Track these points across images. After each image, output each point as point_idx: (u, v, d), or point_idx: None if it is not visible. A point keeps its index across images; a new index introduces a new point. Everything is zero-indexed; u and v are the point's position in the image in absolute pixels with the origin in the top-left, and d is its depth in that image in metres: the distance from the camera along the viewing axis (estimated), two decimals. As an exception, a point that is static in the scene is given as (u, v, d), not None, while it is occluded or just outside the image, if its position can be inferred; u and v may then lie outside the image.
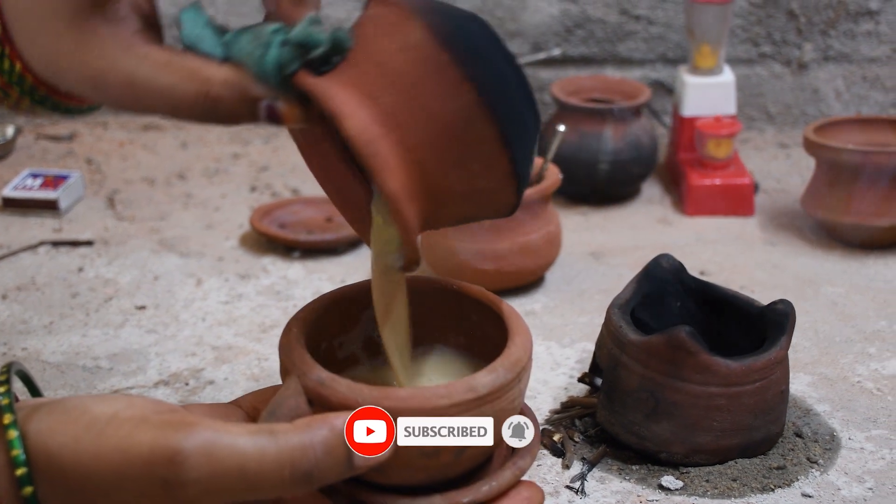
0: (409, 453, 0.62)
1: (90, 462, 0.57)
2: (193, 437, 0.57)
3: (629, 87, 1.49)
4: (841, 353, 1.06)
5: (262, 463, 0.57)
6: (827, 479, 0.86)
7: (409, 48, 0.61)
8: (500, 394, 0.64)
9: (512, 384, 0.64)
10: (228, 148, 1.66)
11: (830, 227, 1.31)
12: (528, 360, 0.67)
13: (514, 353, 0.66)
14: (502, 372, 0.64)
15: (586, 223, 1.40)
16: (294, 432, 0.59)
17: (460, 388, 0.62)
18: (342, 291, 0.74)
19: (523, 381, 0.66)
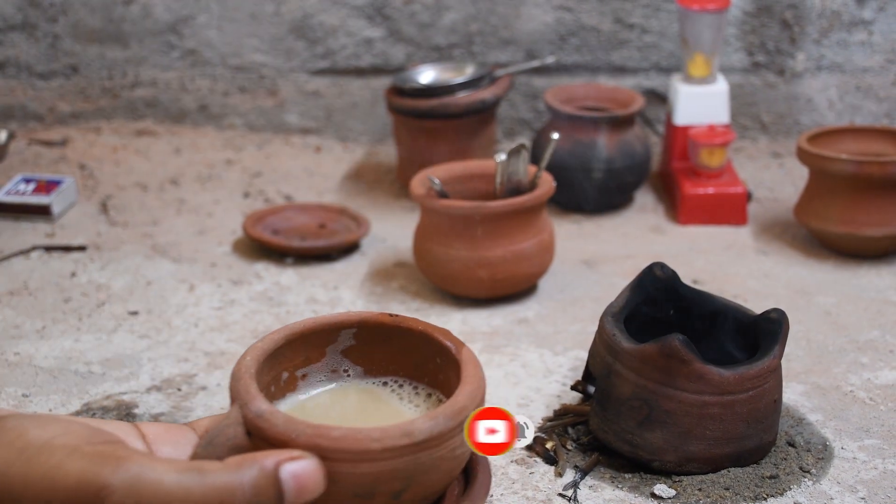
0: (344, 495, 0.61)
1: (19, 488, 0.57)
2: (121, 472, 0.57)
3: (623, 96, 1.49)
4: (834, 362, 1.06)
5: (188, 496, 0.57)
6: (819, 489, 0.86)
7: None
8: (439, 441, 0.62)
9: (453, 433, 0.63)
10: (221, 154, 1.66)
11: (823, 237, 1.31)
12: (476, 406, 0.65)
13: (460, 401, 0.64)
14: (442, 420, 0.62)
15: (579, 231, 1.40)
16: (223, 471, 0.58)
17: (395, 432, 0.61)
18: (307, 324, 0.73)
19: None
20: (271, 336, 0.71)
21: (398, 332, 0.73)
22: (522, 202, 1.16)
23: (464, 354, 0.69)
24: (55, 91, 1.74)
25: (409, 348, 0.73)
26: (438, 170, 1.23)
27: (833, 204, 1.28)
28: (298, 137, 1.71)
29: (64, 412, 0.99)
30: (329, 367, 0.74)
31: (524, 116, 1.69)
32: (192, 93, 1.72)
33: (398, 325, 0.73)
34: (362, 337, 0.74)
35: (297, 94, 1.71)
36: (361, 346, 0.74)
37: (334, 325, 0.73)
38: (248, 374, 0.66)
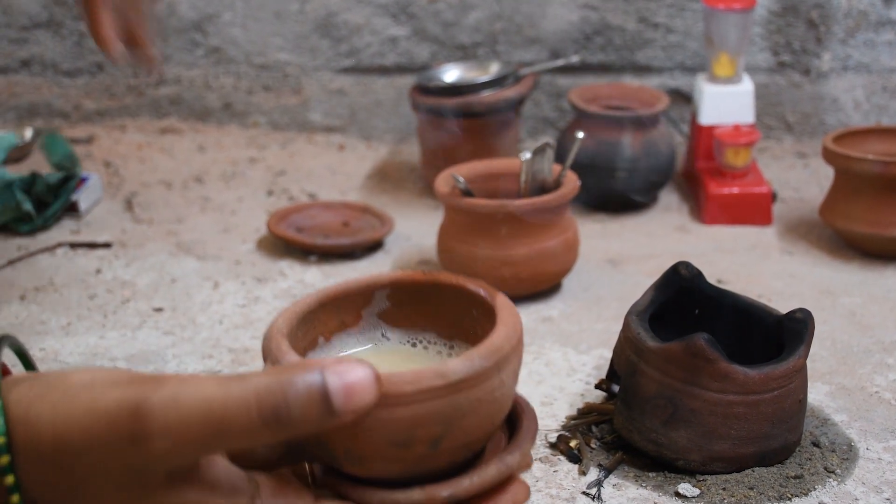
0: (380, 443, 0.60)
1: (63, 426, 0.56)
2: (160, 389, 0.55)
3: (647, 95, 1.49)
4: (859, 363, 1.06)
5: (227, 402, 0.54)
6: (844, 489, 0.86)
7: None
8: (475, 382, 0.61)
9: (490, 373, 0.61)
10: (245, 152, 1.66)
11: (849, 237, 1.30)
12: (512, 350, 0.63)
13: (494, 341, 0.62)
14: (477, 360, 0.61)
15: (604, 230, 1.40)
16: (265, 376, 0.56)
17: (429, 374, 0.59)
18: (339, 287, 0.72)
19: (505, 372, 0.63)
20: (304, 300, 0.70)
21: (432, 288, 0.72)
22: (547, 201, 1.15)
23: (498, 301, 0.67)
24: (81, 89, 1.75)
25: (444, 304, 0.72)
26: (462, 168, 1.23)
27: (858, 204, 1.27)
28: (322, 136, 1.72)
29: (89, 408, 0.99)
30: (367, 331, 0.73)
31: (548, 115, 1.69)
32: (216, 91, 1.73)
33: (432, 281, 0.72)
34: (397, 298, 0.72)
35: (321, 92, 1.72)
36: (397, 307, 0.73)
37: (367, 287, 0.72)
38: (279, 334, 0.65)
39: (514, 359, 0.63)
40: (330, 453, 0.61)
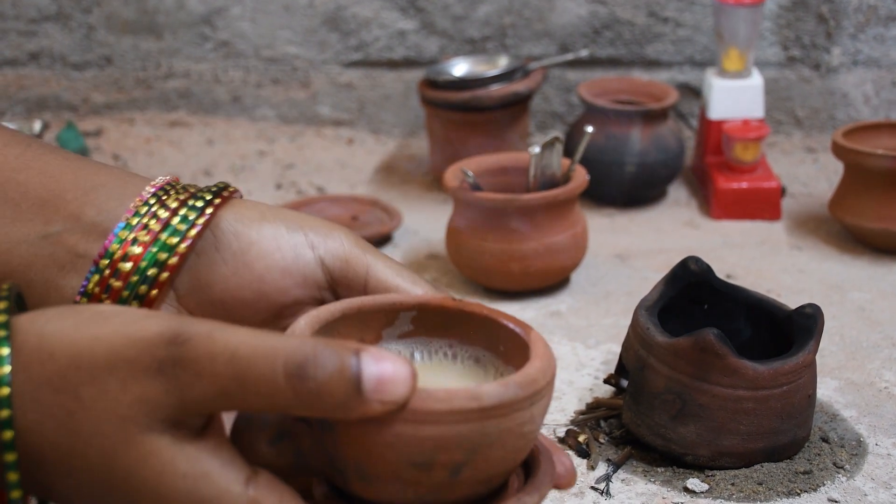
0: (398, 461, 0.56)
1: (86, 343, 0.54)
2: (199, 324, 0.54)
3: (656, 90, 1.48)
4: (868, 358, 1.05)
5: (256, 348, 0.53)
6: (853, 485, 0.85)
7: None
8: (508, 411, 0.57)
9: (523, 404, 0.58)
10: (254, 145, 1.66)
11: (858, 232, 1.30)
12: (546, 385, 0.59)
13: (531, 372, 0.59)
14: (513, 387, 0.57)
15: (612, 225, 1.39)
16: (303, 339, 0.55)
17: (463, 394, 0.56)
18: (365, 301, 0.67)
19: (537, 407, 0.59)
20: (328, 307, 0.65)
21: (460, 317, 0.67)
22: (556, 195, 1.15)
23: (532, 336, 0.63)
24: (89, 82, 1.75)
25: (471, 335, 0.67)
26: (471, 162, 1.23)
27: (868, 199, 1.27)
28: (331, 129, 1.72)
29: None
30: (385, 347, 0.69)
31: (557, 110, 1.68)
32: (224, 84, 1.73)
33: (461, 310, 0.67)
34: (421, 322, 0.68)
35: (329, 86, 1.71)
36: (419, 332, 0.68)
37: (392, 306, 0.67)
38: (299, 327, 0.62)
39: (546, 395, 0.60)
40: (339, 467, 0.58)
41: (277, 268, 0.64)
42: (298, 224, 0.66)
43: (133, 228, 0.64)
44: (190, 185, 0.68)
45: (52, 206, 0.65)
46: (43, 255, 0.64)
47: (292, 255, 0.65)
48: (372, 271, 0.66)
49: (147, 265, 0.63)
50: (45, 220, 0.64)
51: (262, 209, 0.66)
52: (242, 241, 0.64)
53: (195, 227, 0.64)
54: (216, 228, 0.65)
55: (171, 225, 0.64)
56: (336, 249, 0.65)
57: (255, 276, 0.64)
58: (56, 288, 0.64)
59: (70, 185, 0.65)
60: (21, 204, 0.65)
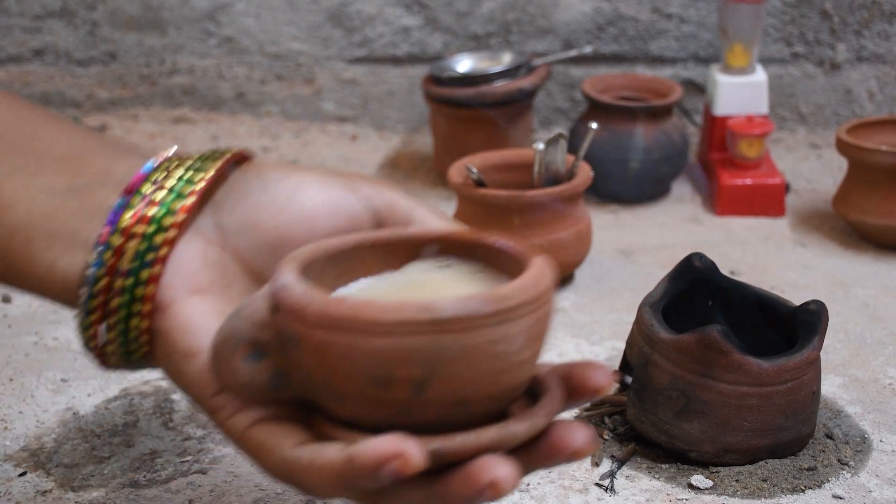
0: (357, 377, 0.54)
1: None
2: None
3: (660, 86, 1.48)
4: (872, 354, 1.05)
5: None
6: (858, 481, 0.85)
7: None
8: (468, 326, 0.53)
9: (487, 320, 0.53)
10: (258, 141, 1.66)
11: (862, 229, 1.30)
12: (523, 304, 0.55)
13: (505, 290, 0.55)
14: (475, 302, 0.53)
15: (616, 221, 1.39)
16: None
17: (413, 305, 0.53)
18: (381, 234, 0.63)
19: (511, 326, 0.55)
20: (339, 238, 0.62)
21: (478, 248, 0.62)
22: (560, 191, 1.15)
23: (534, 260, 0.58)
24: (93, 78, 1.75)
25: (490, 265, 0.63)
26: (475, 158, 1.23)
27: (872, 195, 1.27)
28: (335, 125, 1.72)
29: (102, 397, 0.99)
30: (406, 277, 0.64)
31: (561, 106, 1.68)
32: (229, 80, 1.73)
33: (478, 241, 0.62)
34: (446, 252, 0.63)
35: (333, 82, 1.71)
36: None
37: (416, 240, 0.63)
38: (291, 258, 0.59)
39: (526, 315, 0.55)
40: (311, 387, 0.57)
41: (326, 207, 0.64)
42: (341, 173, 0.66)
43: (162, 171, 0.63)
44: None
45: (79, 162, 0.63)
46: (69, 206, 0.62)
47: (339, 195, 0.64)
48: (415, 214, 0.65)
49: (173, 198, 0.62)
50: (71, 174, 0.63)
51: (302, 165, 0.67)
52: (290, 182, 0.64)
53: (223, 159, 0.64)
54: (263, 170, 0.65)
55: (195, 165, 0.63)
56: (381, 193, 0.65)
57: (305, 215, 0.64)
58: (83, 241, 0.62)
59: (97, 148, 0.65)
60: (45, 158, 0.63)
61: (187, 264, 0.62)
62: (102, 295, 0.62)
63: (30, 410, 0.97)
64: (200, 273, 0.63)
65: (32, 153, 0.63)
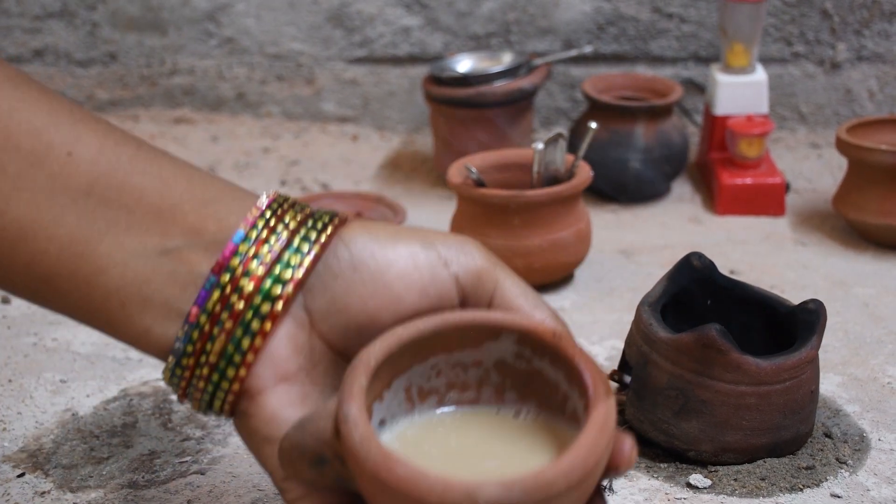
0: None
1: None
2: None
3: (661, 85, 1.48)
4: (871, 354, 1.05)
5: None
6: (856, 480, 0.85)
7: None
8: None
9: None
10: (259, 142, 1.66)
11: (862, 228, 1.30)
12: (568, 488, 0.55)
13: (548, 475, 0.54)
14: (518, 492, 0.53)
15: (616, 221, 1.39)
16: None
17: (458, 491, 0.54)
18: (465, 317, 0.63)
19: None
20: (416, 323, 0.62)
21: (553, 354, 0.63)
22: (560, 191, 1.15)
23: (596, 412, 0.58)
24: (94, 79, 1.75)
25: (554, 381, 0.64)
26: (475, 158, 1.23)
27: (872, 195, 1.27)
28: (335, 126, 1.72)
29: (101, 398, 0.99)
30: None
31: (561, 106, 1.68)
32: (229, 81, 1.73)
33: (557, 348, 0.62)
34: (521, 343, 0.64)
35: (334, 82, 1.72)
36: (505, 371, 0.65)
37: (495, 327, 0.63)
38: (363, 365, 0.59)
39: (571, 494, 0.55)
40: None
41: (416, 287, 0.63)
42: (431, 240, 0.64)
43: (253, 242, 0.62)
44: (301, 203, 0.67)
45: (170, 217, 0.62)
46: (162, 271, 0.62)
47: (429, 274, 0.63)
48: (499, 288, 0.64)
49: (271, 283, 0.62)
50: (162, 233, 0.62)
51: (392, 228, 0.65)
52: (380, 260, 0.63)
53: (318, 244, 0.63)
54: (352, 248, 0.63)
55: (292, 245, 0.63)
56: (469, 264, 0.64)
57: (393, 297, 0.63)
58: (177, 311, 0.62)
59: (186, 196, 0.63)
60: (136, 212, 0.62)
61: (278, 351, 0.63)
62: (189, 371, 0.63)
63: (28, 411, 0.97)
64: (289, 360, 0.63)
65: (123, 207, 0.62)
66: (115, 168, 0.63)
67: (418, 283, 0.63)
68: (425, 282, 0.63)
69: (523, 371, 0.64)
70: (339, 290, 0.63)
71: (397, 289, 0.63)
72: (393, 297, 0.63)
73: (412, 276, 0.63)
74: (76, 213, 0.62)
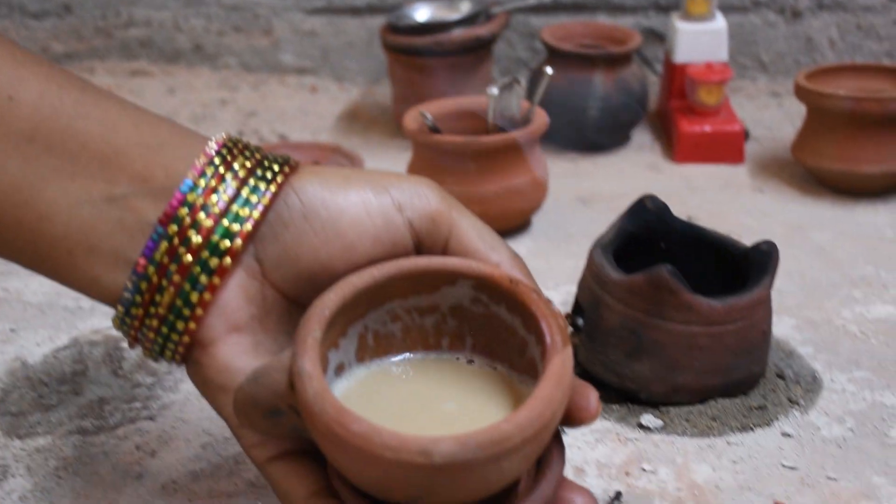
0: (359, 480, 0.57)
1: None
2: None
3: (620, 34, 1.47)
4: (827, 296, 1.05)
5: None
6: (807, 420, 0.85)
7: None
8: (462, 469, 0.54)
9: (485, 463, 0.54)
10: (216, 94, 1.65)
11: (820, 175, 1.30)
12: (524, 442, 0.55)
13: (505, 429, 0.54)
14: (472, 447, 0.53)
15: (575, 169, 1.39)
16: None
17: (412, 446, 0.53)
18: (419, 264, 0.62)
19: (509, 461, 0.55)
20: (370, 271, 0.61)
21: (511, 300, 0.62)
22: (515, 137, 1.14)
23: (552, 363, 0.58)
24: (48, 31, 1.73)
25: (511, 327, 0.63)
26: (431, 106, 1.22)
27: (830, 141, 1.27)
28: (294, 77, 1.70)
29: (51, 346, 0.98)
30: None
31: (521, 56, 1.67)
32: (186, 32, 1.71)
33: (514, 294, 0.62)
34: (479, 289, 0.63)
35: (292, 33, 1.70)
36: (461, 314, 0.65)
37: (451, 273, 0.63)
38: (317, 316, 0.59)
39: (527, 446, 0.55)
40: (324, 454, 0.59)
41: (369, 235, 0.62)
42: (384, 184, 0.63)
43: (201, 191, 0.61)
44: (251, 146, 0.66)
45: (116, 163, 0.62)
46: (109, 219, 0.61)
47: (382, 220, 0.63)
48: (455, 231, 0.64)
49: (220, 237, 0.61)
50: (108, 179, 0.61)
51: (344, 173, 0.64)
52: (332, 208, 0.62)
53: (268, 194, 0.62)
54: (303, 196, 0.63)
55: (241, 195, 0.62)
56: (423, 208, 0.63)
57: (346, 245, 0.62)
58: (126, 260, 0.62)
59: (132, 141, 0.62)
60: (81, 157, 0.61)
61: (229, 302, 0.62)
62: (139, 321, 0.63)
63: (-23, 360, 0.96)
64: (241, 310, 0.63)
65: (67, 152, 0.61)
66: (58, 112, 0.62)
67: (371, 231, 0.62)
68: (378, 228, 0.62)
69: (481, 315, 0.64)
70: (291, 240, 0.62)
71: (350, 237, 0.62)
72: (346, 246, 0.62)
73: (365, 224, 0.62)
74: (19, 159, 0.61)
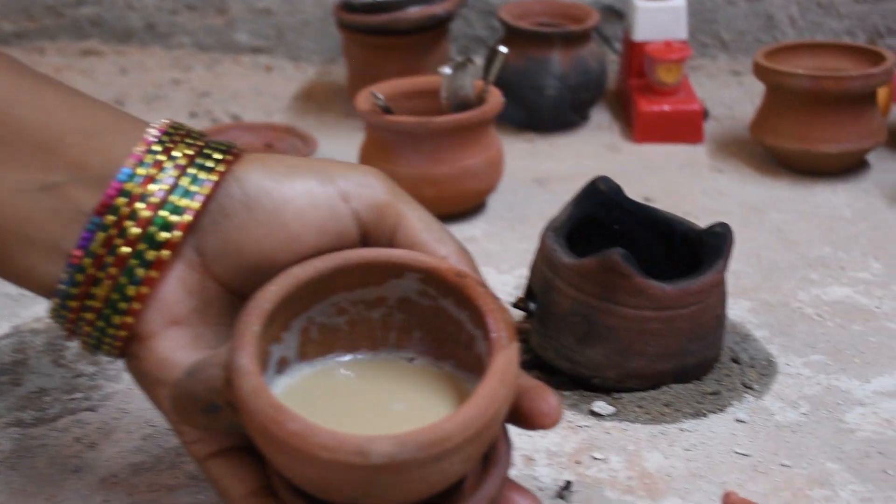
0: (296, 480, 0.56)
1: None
2: None
3: (578, 11, 1.45)
4: (783, 278, 1.04)
5: None
6: (762, 405, 0.84)
7: None
8: (400, 470, 0.53)
9: (424, 463, 0.53)
10: (169, 73, 1.62)
11: (779, 154, 1.28)
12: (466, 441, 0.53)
13: (445, 428, 0.53)
14: (411, 448, 0.52)
15: (532, 150, 1.37)
16: None
17: (349, 446, 0.52)
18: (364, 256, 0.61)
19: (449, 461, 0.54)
20: (314, 263, 0.60)
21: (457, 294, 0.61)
22: (469, 117, 1.12)
23: (496, 361, 0.57)
24: (-3, 10, 1.69)
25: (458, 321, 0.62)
26: (384, 86, 1.20)
27: (789, 120, 1.25)
28: (249, 56, 1.67)
29: (-7, 334, 0.96)
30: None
31: (479, 34, 1.65)
32: (138, 11, 1.68)
33: (461, 288, 0.61)
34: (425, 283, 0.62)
35: (246, 12, 1.67)
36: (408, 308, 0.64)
37: (398, 266, 0.61)
38: (257, 310, 0.57)
39: (468, 446, 0.54)
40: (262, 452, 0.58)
41: (314, 226, 0.61)
42: (330, 174, 0.62)
43: (140, 180, 0.60)
44: (194, 133, 0.64)
45: (51, 150, 0.60)
46: (44, 208, 0.60)
47: (328, 211, 0.61)
48: (402, 222, 0.62)
49: (158, 228, 0.60)
50: (43, 167, 0.60)
51: (289, 161, 0.62)
52: (276, 198, 0.61)
53: (209, 184, 0.60)
54: (246, 185, 0.61)
55: (181, 185, 0.60)
56: (370, 199, 0.62)
57: (290, 237, 0.60)
58: (61, 251, 0.60)
59: (69, 127, 0.61)
60: (15, 144, 0.60)
61: (168, 295, 0.61)
62: (75, 313, 0.61)
63: (-86, 349, 0.94)
64: (180, 303, 0.61)
65: (1, 140, 0.60)
66: None
67: (316, 222, 0.61)
68: (324, 219, 0.61)
69: (428, 309, 0.63)
70: (232, 231, 0.61)
71: (294, 228, 0.60)
72: (290, 237, 0.60)
73: (309, 215, 0.61)
74: None
